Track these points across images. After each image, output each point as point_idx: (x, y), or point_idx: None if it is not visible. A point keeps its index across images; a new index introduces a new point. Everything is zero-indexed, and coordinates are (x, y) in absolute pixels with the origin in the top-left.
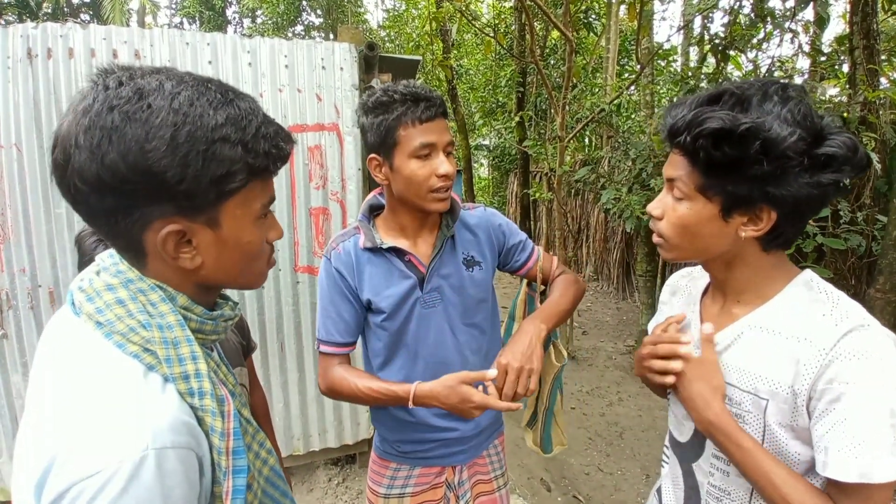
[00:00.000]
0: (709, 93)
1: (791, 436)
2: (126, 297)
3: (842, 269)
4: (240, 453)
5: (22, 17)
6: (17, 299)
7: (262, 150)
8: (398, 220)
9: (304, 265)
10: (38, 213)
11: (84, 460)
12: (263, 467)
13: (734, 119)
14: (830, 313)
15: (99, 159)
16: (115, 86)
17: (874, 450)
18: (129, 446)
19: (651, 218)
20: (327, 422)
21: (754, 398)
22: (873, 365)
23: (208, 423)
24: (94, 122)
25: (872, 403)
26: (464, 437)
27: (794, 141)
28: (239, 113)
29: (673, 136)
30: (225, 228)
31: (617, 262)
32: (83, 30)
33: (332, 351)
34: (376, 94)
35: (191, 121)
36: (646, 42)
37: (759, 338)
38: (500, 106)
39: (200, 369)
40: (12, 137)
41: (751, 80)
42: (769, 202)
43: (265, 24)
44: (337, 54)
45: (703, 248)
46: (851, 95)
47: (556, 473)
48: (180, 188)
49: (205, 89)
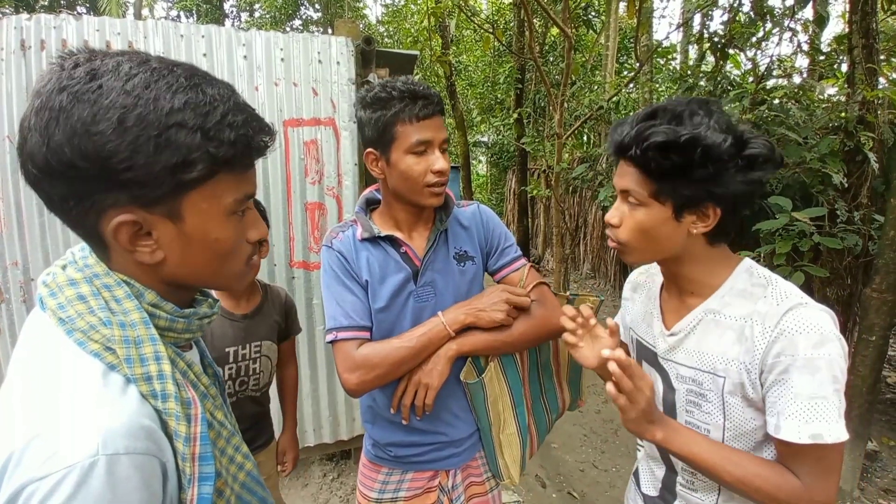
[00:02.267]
0: (644, 110)
1: (745, 404)
2: (88, 292)
3: (838, 268)
4: (207, 459)
5: (18, 9)
6: (9, 293)
7: (227, 139)
8: (393, 214)
9: (300, 260)
10: (31, 206)
11: (36, 462)
12: (239, 472)
13: (675, 131)
14: (771, 294)
15: (46, 142)
16: (71, 67)
17: (824, 413)
18: (78, 451)
19: (609, 227)
20: (322, 417)
21: (713, 377)
22: (813, 338)
23: (172, 427)
24: (45, 104)
25: (816, 372)
26: (456, 441)
27: (728, 146)
28: (202, 98)
29: (623, 150)
30: (189, 223)
31: (614, 260)
32: (76, 21)
33: (355, 336)
34: (375, 89)
35: (143, 104)
36: (645, 39)
37: (713, 322)
38: (499, 103)
39: (164, 370)
40: (5, 129)
41: (678, 98)
42: (713, 200)
43: (263, 18)
44: (333, 48)
45: (659, 248)
46: (850, 95)
47: (551, 470)
48: (130, 175)
49: (167, 72)
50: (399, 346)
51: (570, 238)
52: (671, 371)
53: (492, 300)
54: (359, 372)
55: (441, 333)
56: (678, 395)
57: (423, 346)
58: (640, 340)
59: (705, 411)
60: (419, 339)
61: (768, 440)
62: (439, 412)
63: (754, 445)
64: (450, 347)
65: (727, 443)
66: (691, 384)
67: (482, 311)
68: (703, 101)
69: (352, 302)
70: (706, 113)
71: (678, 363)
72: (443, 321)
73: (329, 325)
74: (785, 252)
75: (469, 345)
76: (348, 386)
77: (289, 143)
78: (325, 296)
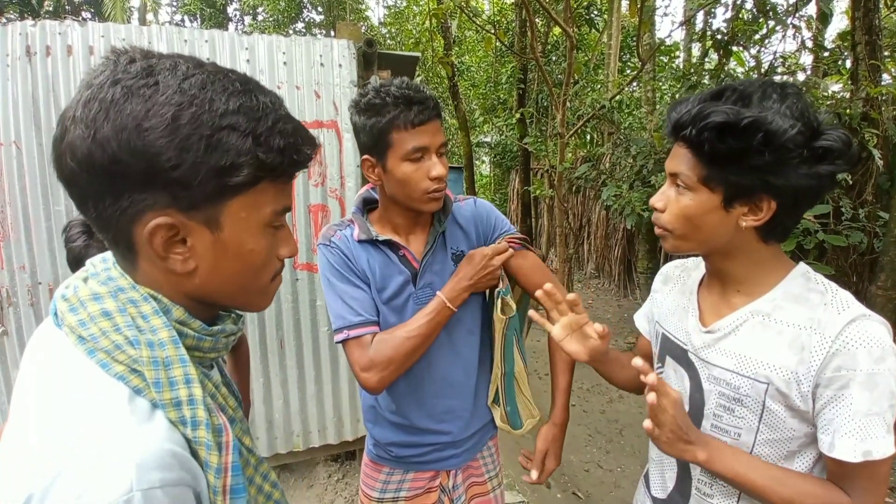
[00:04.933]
0: (711, 90)
1: (789, 414)
2: (113, 308)
3: (843, 265)
4: (239, 492)
5: (23, 15)
6: (17, 296)
7: (277, 146)
8: (391, 218)
9: (304, 263)
10: (38, 211)
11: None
12: (268, 502)
13: (737, 113)
14: (831, 303)
15: (92, 134)
16: (126, 62)
17: (876, 430)
18: (111, 489)
19: (654, 211)
20: (327, 419)
21: (753, 382)
22: (875, 352)
23: (203, 457)
24: (95, 95)
25: (875, 388)
26: (457, 441)
27: (794, 134)
28: (255, 104)
29: (678, 129)
30: (227, 231)
31: (618, 260)
32: (81, 27)
33: (365, 332)
34: (369, 94)
35: (198, 103)
36: (647, 38)
37: (761, 325)
38: (501, 103)
39: (195, 395)
40: (11, 135)
41: (751, 79)
42: (769, 192)
43: (266, 22)
44: (335, 51)
45: (704, 238)
46: (854, 91)
47: (555, 470)
48: (175, 174)
49: (223, 76)
50: (409, 335)
51: (573, 238)
52: (703, 371)
53: (476, 263)
54: (376, 369)
55: (446, 312)
56: (708, 397)
57: (433, 330)
58: (668, 335)
59: (738, 415)
60: (428, 324)
61: (802, 449)
62: (441, 412)
63: (786, 454)
64: (441, 299)
65: (757, 448)
66: (725, 387)
67: (476, 275)
68: (780, 85)
69: (358, 297)
70: (781, 96)
71: (713, 363)
72: (444, 299)
73: (337, 325)
74: (790, 250)
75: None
76: (369, 385)
77: None
78: (329, 294)
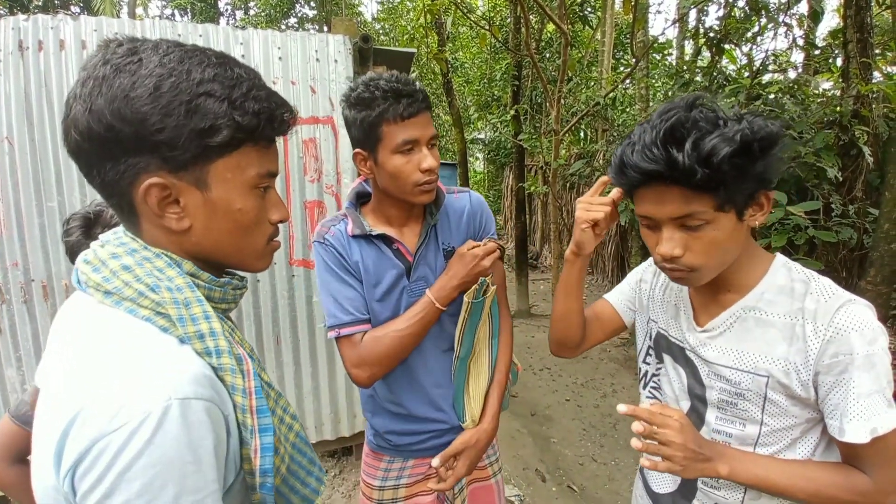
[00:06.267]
0: (664, 128)
1: (790, 402)
2: (132, 262)
3: (833, 261)
4: (264, 412)
5: (13, 9)
6: (10, 294)
7: (252, 110)
8: (384, 210)
9: (300, 259)
10: (31, 207)
11: (106, 415)
12: (289, 433)
13: (737, 133)
14: (816, 291)
15: (89, 107)
16: (115, 46)
17: (878, 407)
18: (152, 397)
19: (663, 260)
20: (324, 415)
21: (753, 376)
22: (867, 334)
23: (229, 382)
24: (90, 74)
25: (873, 368)
26: (455, 427)
27: (778, 129)
28: (230, 74)
29: (682, 177)
30: (214, 191)
31: (612, 256)
32: (74, 21)
33: (356, 330)
34: (359, 88)
35: (177, 74)
36: (641, 35)
37: (754, 321)
38: (496, 99)
39: (215, 328)
40: (3, 131)
41: (671, 104)
42: (765, 187)
43: (258, 16)
44: (331, 46)
45: (730, 256)
46: (845, 89)
47: (550, 464)
48: (161, 137)
49: (200, 52)
50: (398, 334)
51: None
52: (702, 368)
53: (466, 262)
54: (366, 366)
55: (435, 312)
56: (710, 394)
57: (422, 328)
58: (664, 333)
59: (741, 408)
60: (416, 323)
61: (804, 435)
62: (439, 399)
63: (789, 443)
64: (429, 296)
65: (762, 438)
66: (726, 383)
67: (466, 275)
68: (699, 97)
69: (350, 297)
70: (711, 107)
71: (712, 361)
72: (432, 299)
73: (330, 323)
74: (780, 246)
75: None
76: (359, 380)
77: (287, 142)
78: (323, 292)
